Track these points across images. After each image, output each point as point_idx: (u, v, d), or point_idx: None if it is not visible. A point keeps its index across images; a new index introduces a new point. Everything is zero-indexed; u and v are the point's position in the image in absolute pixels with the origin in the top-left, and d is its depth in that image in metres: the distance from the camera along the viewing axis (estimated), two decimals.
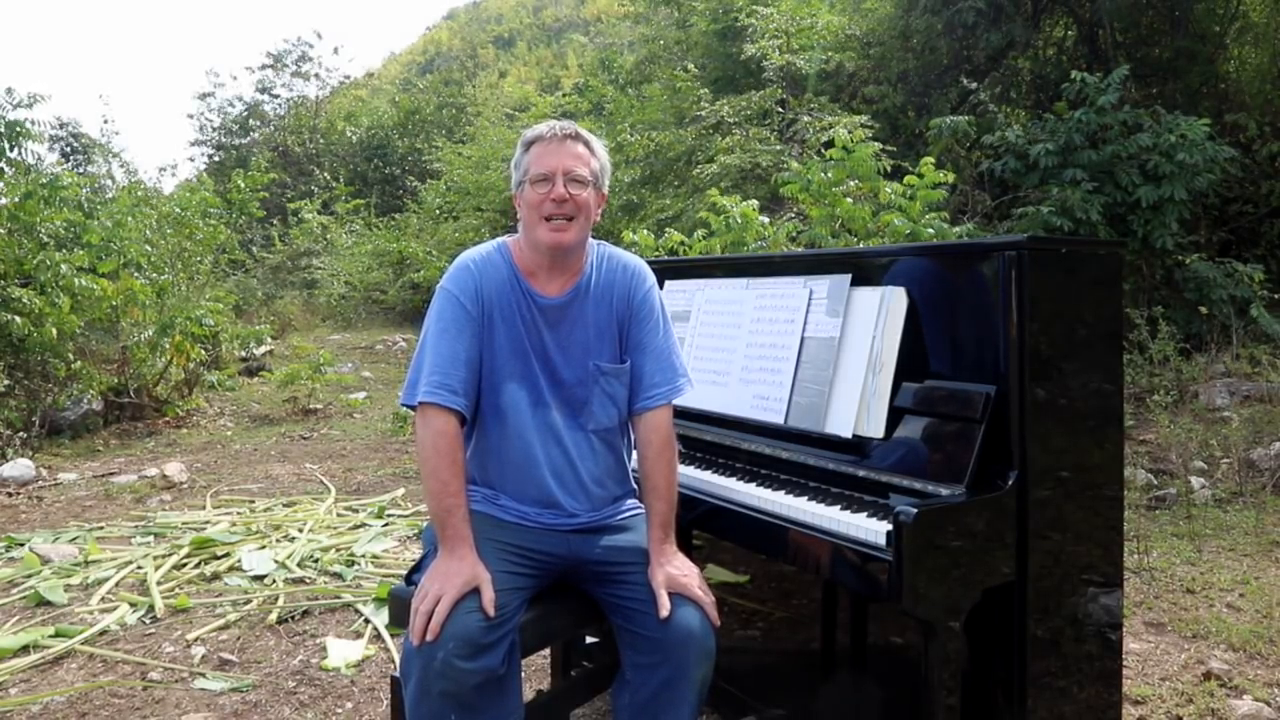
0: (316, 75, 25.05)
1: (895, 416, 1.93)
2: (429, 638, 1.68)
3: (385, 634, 3.34)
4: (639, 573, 1.88)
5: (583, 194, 1.91)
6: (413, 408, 1.90)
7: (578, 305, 1.97)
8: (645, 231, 6.67)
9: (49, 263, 7.02)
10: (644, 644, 1.82)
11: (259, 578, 3.97)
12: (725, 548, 2.65)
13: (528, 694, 2.77)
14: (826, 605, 2.30)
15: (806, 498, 1.94)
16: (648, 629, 1.82)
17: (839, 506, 1.86)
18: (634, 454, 2.07)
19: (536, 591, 1.90)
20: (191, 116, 25.54)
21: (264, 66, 24.53)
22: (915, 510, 1.62)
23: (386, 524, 4.76)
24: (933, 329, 1.96)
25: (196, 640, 3.34)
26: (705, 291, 2.55)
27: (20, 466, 6.02)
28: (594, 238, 2.07)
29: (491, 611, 1.71)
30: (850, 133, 6.63)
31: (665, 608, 1.80)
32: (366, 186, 21.62)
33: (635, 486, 2.09)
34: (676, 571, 1.87)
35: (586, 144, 1.96)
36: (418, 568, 1.96)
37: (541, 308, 1.96)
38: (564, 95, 18.22)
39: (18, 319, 6.69)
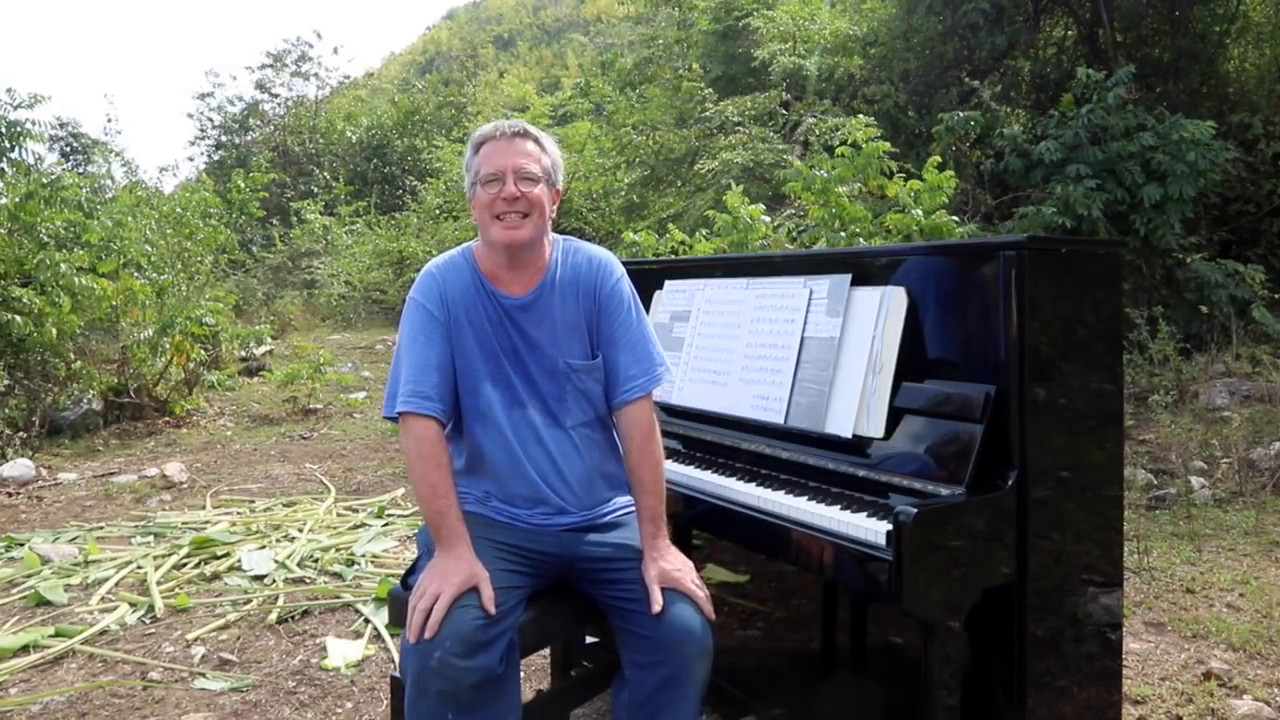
0: (316, 75, 25.07)
1: (895, 416, 1.93)
2: (427, 635, 1.68)
3: (385, 634, 3.34)
4: (633, 571, 1.87)
5: (534, 191, 1.89)
6: (394, 419, 1.90)
7: (543, 303, 1.95)
8: (647, 230, 6.66)
9: (49, 262, 7.01)
10: (642, 643, 1.82)
11: (259, 578, 3.97)
12: (725, 547, 2.65)
13: (527, 694, 2.77)
14: (826, 605, 2.30)
15: (806, 498, 1.94)
16: (645, 628, 1.81)
17: (839, 506, 1.86)
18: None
19: (534, 591, 1.89)
20: (191, 116, 25.56)
21: (263, 66, 24.53)
22: (915, 510, 1.62)
23: (386, 524, 4.76)
24: (933, 329, 1.96)
25: (196, 640, 3.34)
26: (705, 291, 2.55)
27: (20, 466, 6.01)
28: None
29: (492, 609, 1.71)
30: (862, 130, 6.62)
31: (657, 603, 1.79)
32: (366, 186, 21.60)
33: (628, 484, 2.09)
34: (669, 566, 1.86)
35: (536, 141, 1.94)
36: (412, 570, 1.95)
37: (507, 309, 1.94)
38: (564, 95, 18.21)
39: (18, 319, 6.68)
